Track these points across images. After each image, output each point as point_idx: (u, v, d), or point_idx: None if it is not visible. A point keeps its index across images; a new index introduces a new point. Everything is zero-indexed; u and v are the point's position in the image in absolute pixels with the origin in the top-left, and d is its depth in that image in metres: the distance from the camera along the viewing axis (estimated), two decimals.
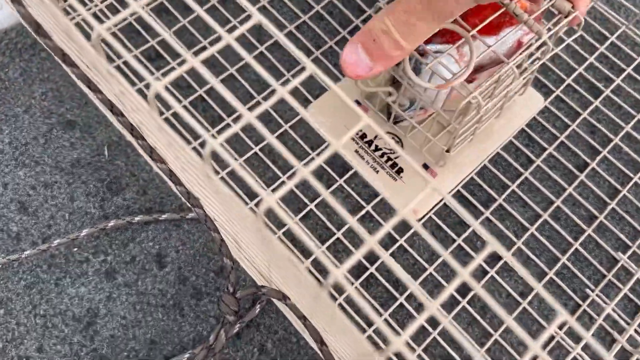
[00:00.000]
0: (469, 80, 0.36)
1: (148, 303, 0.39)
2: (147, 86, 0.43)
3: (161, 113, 0.42)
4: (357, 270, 0.40)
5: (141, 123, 0.31)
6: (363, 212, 0.41)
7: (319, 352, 0.31)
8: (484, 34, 0.34)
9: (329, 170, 0.43)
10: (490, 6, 0.35)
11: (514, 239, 0.42)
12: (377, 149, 0.43)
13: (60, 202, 0.41)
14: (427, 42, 0.35)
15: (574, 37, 0.36)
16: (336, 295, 0.38)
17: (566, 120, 0.46)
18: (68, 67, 0.25)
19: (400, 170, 0.42)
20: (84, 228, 0.40)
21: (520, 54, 0.34)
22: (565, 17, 0.34)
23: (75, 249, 0.40)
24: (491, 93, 0.36)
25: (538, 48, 0.35)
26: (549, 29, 0.34)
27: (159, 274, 0.39)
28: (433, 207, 0.42)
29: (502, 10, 0.33)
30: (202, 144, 0.41)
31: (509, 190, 0.43)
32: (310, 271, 0.39)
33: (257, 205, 0.40)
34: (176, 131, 0.38)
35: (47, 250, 0.39)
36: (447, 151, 0.40)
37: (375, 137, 0.43)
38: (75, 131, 0.43)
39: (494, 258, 0.41)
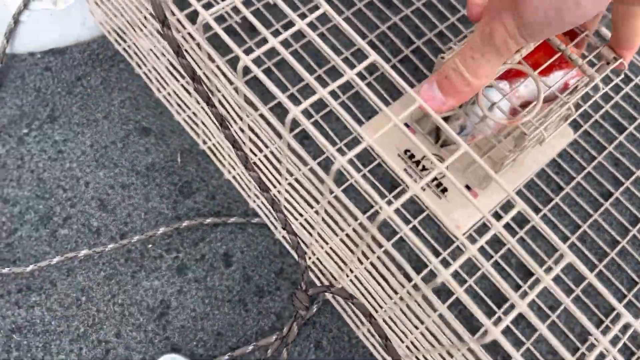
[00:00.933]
0: (516, 114, 0.40)
1: (215, 298, 0.42)
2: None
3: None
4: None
5: (243, 134, 0.35)
6: (410, 225, 0.46)
7: (382, 348, 0.35)
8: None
9: (379, 186, 0.47)
10: (542, 50, 0.39)
11: (545, 257, 0.46)
12: (424, 168, 0.47)
13: (136, 201, 0.45)
14: None
15: (611, 85, 0.40)
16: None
17: (593, 152, 0.50)
18: (184, 59, 0.29)
19: (445, 190, 0.46)
20: (158, 227, 0.44)
21: (571, 93, 0.38)
22: (608, 63, 0.39)
23: (150, 246, 0.43)
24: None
25: (591, 92, 0.39)
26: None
27: (225, 271, 0.43)
28: (473, 225, 0.46)
29: (558, 55, 0.38)
30: None
31: (540, 214, 0.47)
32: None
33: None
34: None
35: (126, 245, 0.43)
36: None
37: (423, 157, 0.47)
38: (150, 137, 0.47)
39: (526, 274, 0.45)
